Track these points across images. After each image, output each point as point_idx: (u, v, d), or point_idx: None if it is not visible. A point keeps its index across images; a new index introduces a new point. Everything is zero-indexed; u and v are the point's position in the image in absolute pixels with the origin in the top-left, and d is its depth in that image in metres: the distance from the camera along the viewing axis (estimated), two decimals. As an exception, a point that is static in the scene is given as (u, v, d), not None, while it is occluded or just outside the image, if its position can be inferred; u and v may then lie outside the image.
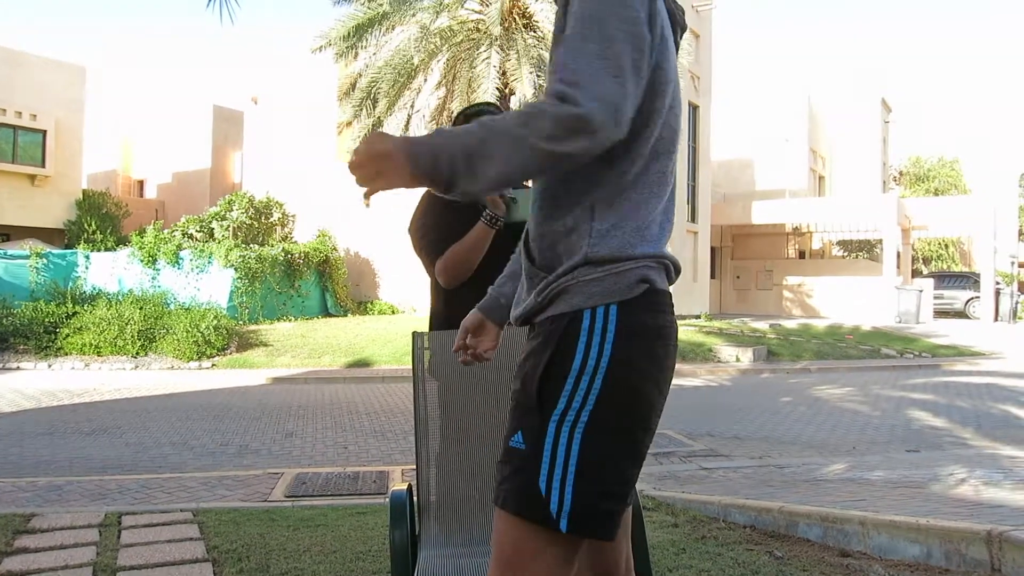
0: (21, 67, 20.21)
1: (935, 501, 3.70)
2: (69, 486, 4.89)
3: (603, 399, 1.17)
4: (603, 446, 1.17)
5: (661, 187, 1.27)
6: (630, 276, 1.21)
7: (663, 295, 1.26)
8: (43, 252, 16.62)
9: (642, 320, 1.22)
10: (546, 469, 1.17)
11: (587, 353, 1.19)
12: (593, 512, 1.16)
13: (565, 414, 1.18)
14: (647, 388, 1.22)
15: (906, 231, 24.06)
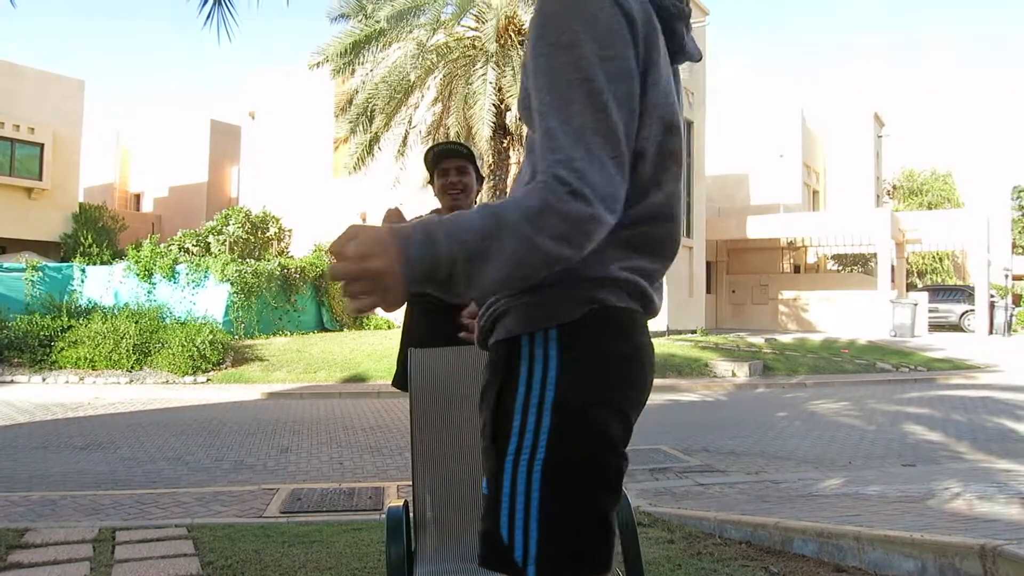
0: (19, 80, 20.27)
1: (930, 516, 3.71)
2: (63, 501, 4.86)
3: (557, 433, 1.06)
4: (566, 482, 1.07)
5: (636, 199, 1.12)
6: (573, 296, 1.09)
7: (622, 314, 1.12)
8: (39, 265, 16.58)
9: (592, 344, 1.10)
10: (506, 514, 1.07)
11: (530, 384, 1.09)
12: (563, 553, 1.06)
13: (519, 452, 1.08)
14: (607, 415, 1.10)
15: (900, 245, 24.16)
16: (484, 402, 1.16)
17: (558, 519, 1.06)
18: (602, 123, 1.01)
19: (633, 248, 1.13)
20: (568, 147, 1.00)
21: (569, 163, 0.99)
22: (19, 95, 20.04)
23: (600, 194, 0.98)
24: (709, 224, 22.70)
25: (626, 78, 1.06)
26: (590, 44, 1.03)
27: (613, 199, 1.00)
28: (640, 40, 1.09)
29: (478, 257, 0.95)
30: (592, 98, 1.02)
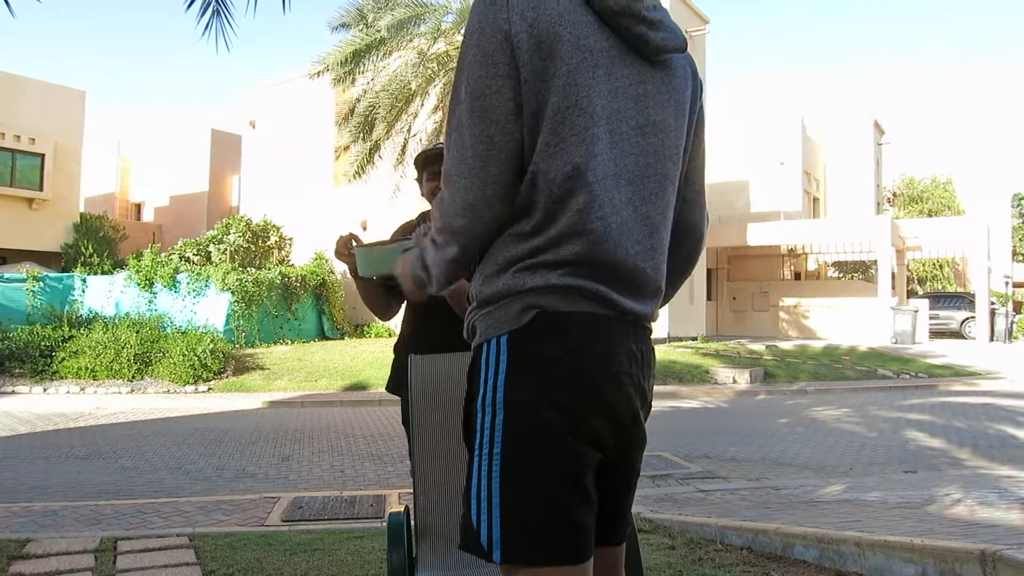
0: (20, 91, 20.34)
1: (930, 521, 3.71)
2: (64, 511, 4.87)
3: (509, 429, 1.19)
4: (520, 475, 1.18)
5: (569, 216, 1.21)
6: (515, 305, 1.22)
7: (570, 317, 1.21)
8: (40, 275, 16.61)
9: (539, 347, 1.20)
10: (475, 502, 1.21)
11: (486, 385, 1.22)
12: (522, 539, 1.17)
13: (482, 446, 1.21)
14: (555, 415, 1.18)
15: (901, 252, 24.17)
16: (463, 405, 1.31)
17: (515, 508, 1.17)
18: (467, 138, 1.22)
19: (579, 257, 1.21)
20: (444, 161, 1.28)
21: (443, 178, 1.28)
22: (20, 106, 20.10)
23: (459, 200, 1.24)
24: (710, 231, 22.43)
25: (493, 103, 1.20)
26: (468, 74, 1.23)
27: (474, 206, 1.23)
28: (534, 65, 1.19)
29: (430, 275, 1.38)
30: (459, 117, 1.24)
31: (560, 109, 1.19)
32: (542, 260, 1.21)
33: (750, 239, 23.43)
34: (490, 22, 1.20)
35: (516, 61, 1.18)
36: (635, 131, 1.27)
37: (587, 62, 1.21)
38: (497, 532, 1.17)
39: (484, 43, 1.20)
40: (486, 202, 1.23)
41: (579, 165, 1.21)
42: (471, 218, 1.24)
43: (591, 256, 1.22)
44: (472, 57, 1.22)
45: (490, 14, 1.21)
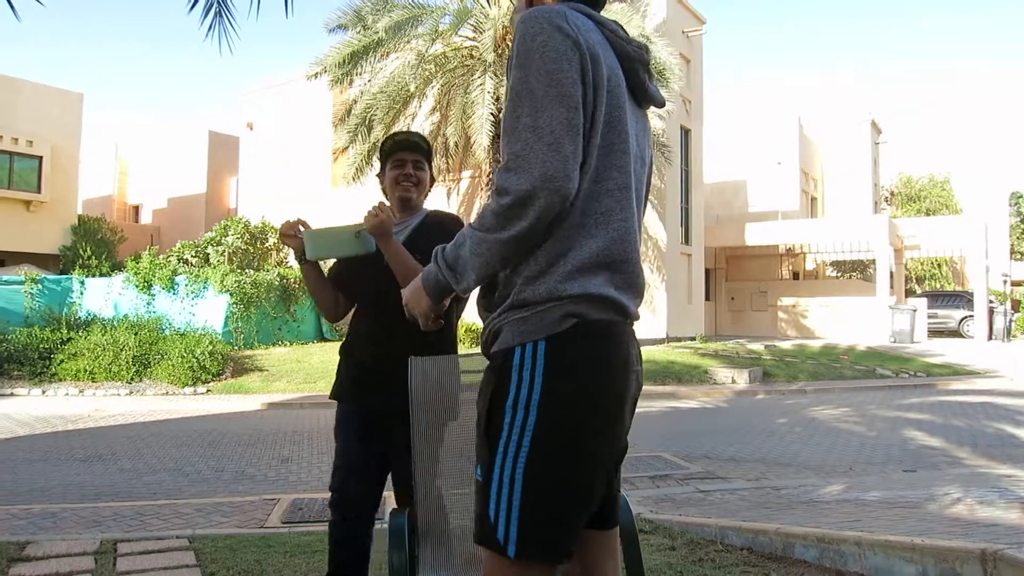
0: (18, 93, 20.33)
1: (930, 521, 3.72)
2: (64, 513, 4.86)
3: (540, 430, 1.24)
4: (544, 475, 1.24)
5: (600, 227, 1.34)
6: (555, 312, 1.29)
7: (602, 325, 1.32)
8: (38, 278, 16.58)
9: (575, 352, 1.28)
10: (494, 498, 1.26)
11: (519, 387, 1.27)
12: (537, 538, 1.23)
13: (508, 446, 1.26)
14: (585, 417, 1.27)
15: (899, 251, 24.20)
16: (481, 399, 1.36)
17: (535, 507, 1.23)
18: (543, 123, 1.25)
19: (604, 267, 1.34)
20: (508, 150, 1.28)
21: (505, 163, 1.27)
22: (17, 108, 20.09)
23: (528, 176, 1.24)
24: (708, 231, 22.72)
25: (563, 84, 1.27)
26: (535, 62, 1.28)
27: (545, 177, 1.24)
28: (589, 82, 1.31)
29: (456, 265, 1.34)
30: (530, 104, 1.27)
31: (609, 122, 1.35)
32: (582, 265, 1.31)
33: (748, 239, 23.46)
34: (557, 26, 1.30)
35: (583, 65, 1.30)
36: (637, 160, 1.45)
37: (620, 88, 1.38)
38: (515, 529, 1.23)
39: (555, 42, 1.29)
40: (567, 175, 1.25)
41: (621, 179, 1.37)
42: (551, 190, 1.24)
43: (621, 267, 1.36)
44: (545, 52, 1.28)
45: (555, 20, 1.31)
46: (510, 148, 1.27)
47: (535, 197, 1.24)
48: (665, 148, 16.75)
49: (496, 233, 1.27)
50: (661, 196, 18.64)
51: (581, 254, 1.31)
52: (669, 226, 19.17)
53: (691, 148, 21.12)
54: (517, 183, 1.24)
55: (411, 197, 2.65)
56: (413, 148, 2.65)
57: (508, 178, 1.26)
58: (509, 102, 1.30)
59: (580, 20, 1.34)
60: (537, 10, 1.33)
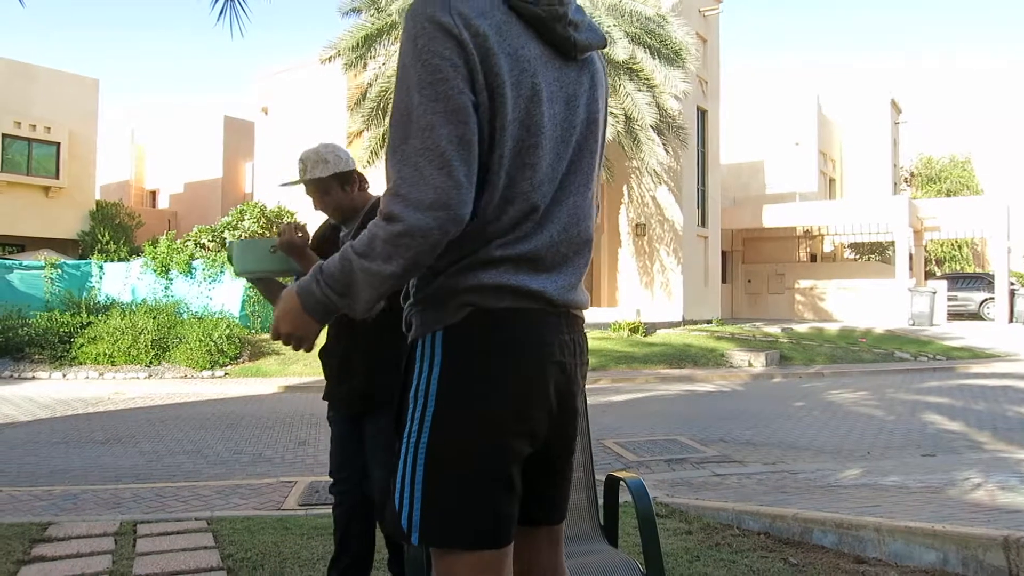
0: (35, 80, 20.44)
1: (951, 506, 3.68)
2: (84, 495, 4.92)
3: (438, 420, 1.24)
4: (442, 462, 1.23)
5: (509, 233, 1.26)
6: (452, 303, 1.26)
7: (505, 313, 1.26)
8: (57, 263, 16.74)
9: (473, 340, 1.25)
10: (398, 487, 1.26)
11: (419, 377, 1.27)
12: (439, 524, 1.23)
13: (410, 435, 1.26)
14: (485, 404, 1.24)
15: (918, 233, 23.90)
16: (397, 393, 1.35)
17: (437, 496, 1.23)
18: (431, 144, 1.17)
19: (508, 260, 1.26)
20: (394, 175, 1.20)
21: (392, 188, 1.19)
22: (35, 95, 20.21)
23: (417, 204, 1.16)
24: (724, 213, 22.54)
25: (450, 97, 1.18)
26: (417, 72, 1.19)
27: (436, 205, 1.16)
28: (476, 59, 1.20)
29: (348, 292, 1.23)
30: (417, 122, 1.18)
31: (518, 118, 1.24)
32: (476, 260, 1.25)
33: (765, 221, 23.24)
34: (438, 23, 1.19)
35: (470, 67, 1.20)
36: (568, 132, 1.33)
37: (527, 71, 1.25)
38: (417, 516, 1.23)
39: (436, 45, 1.19)
40: (461, 201, 1.18)
41: (535, 177, 1.27)
42: (444, 219, 1.17)
43: (519, 253, 1.27)
44: (427, 60, 1.19)
45: (436, 16, 1.19)
46: (398, 171, 1.19)
47: (427, 228, 1.16)
48: (681, 130, 16.59)
49: (386, 265, 1.19)
50: (677, 178, 18.49)
51: (480, 256, 1.26)
52: (685, 208, 19.02)
53: (707, 129, 20.90)
54: (407, 213, 1.16)
55: (339, 216, 2.66)
56: (306, 186, 2.59)
57: (396, 204, 1.17)
58: (392, 118, 1.23)
59: (468, 5, 1.21)
60: (419, 3, 1.22)
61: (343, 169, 2.57)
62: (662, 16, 14.50)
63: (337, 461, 2.74)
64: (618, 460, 6.01)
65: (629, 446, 6.47)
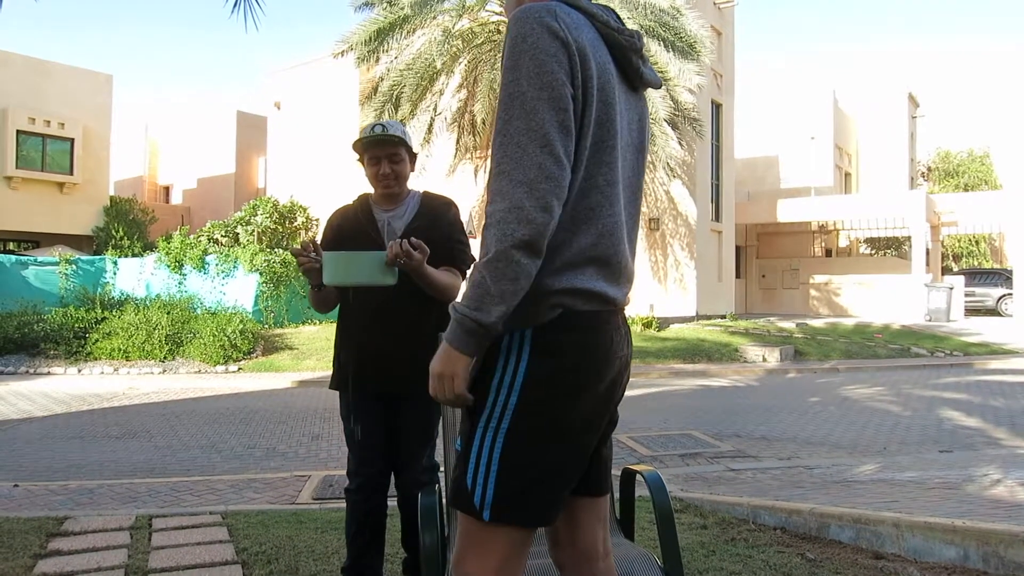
0: (49, 76, 20.56)
1: (970, 502, 3.63)
2: (100, 489, 4.95)
3: (519, 411, 1.34)
4: (519, 449, 1.34)
5: (589, 223, 1.39)
6: (543, 304, 1.36)
7: (588, 315, 1.39)
8: (72, 258, 16.86)
9: (559, 339, 1.36)
10: (472, 467, 1.37)
11: (504, 370, 1.36)
12: (511, 504, 1.35)
13: (489, 421, 1.36)
14: (565, 399, 1.36)
15: (935, 227, 23.66)
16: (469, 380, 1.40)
17: (509, 478, 1.34)
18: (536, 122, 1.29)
19: (591, 262, 1.40)
20: (499, 153, 1.32)
21: (497, 169, 1.31)
22: (49, 91, 20.33)
23: (523, 181, 1.28)
24: (738, 208, 22.40)
25: (554, 87, 1.31)
26: (525, 64, 1.32)
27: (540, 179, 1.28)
28: (579, 83, 1.34)
29: (485, 314, 1.29)
30: (522, 107, 1.30)
31: (599, 120, 1.38)
32: (571, 261, 1.38)
33: (780, 215, 23.08)
34: (546, 26, 1.33)
35: (571, 65, 1.33)
36: (630, 149, 1.52)
37: (610, 83, 1.41)
38: (491, 496, 1.34)
39: (544, 43, 1.32)
40: (562, 176, 1.30)
41: (609, 175, 1.42)
42: (546, 192, 1.28)
43: (609, 260, 1.43)
44: (535, 54, 1.31)
45: (545, 20, 1.33)
46: (503, 151, 1.31)
47: (530, 203, 1.27)
48: (696, 123, 16.48)
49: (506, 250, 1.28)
50: (691, 172, 18.38)
51: (570, 251, 1.38)
52: (699, 202, 18.91)
53: (722, 123, 20.77)
54: (511, 188, 1.28)
55: (394, 192, 2.63)
56: (384, 144, 2.57)
57: (502, 180, 1.29)
58: (501, 104, 1.33)
59: (570, 18, 1.37)
60: (527, 9, 1.35)
61: (413, 148, 2.67)
62: (676, 8, 14.40)
63: (367, 456, 2.65)
64: (632, 455, 5.98)
65: (643, 441, 6.44)
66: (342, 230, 2.68)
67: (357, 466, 2.67)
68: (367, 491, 2.66)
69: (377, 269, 2.32)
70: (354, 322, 2.63)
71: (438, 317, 2.54)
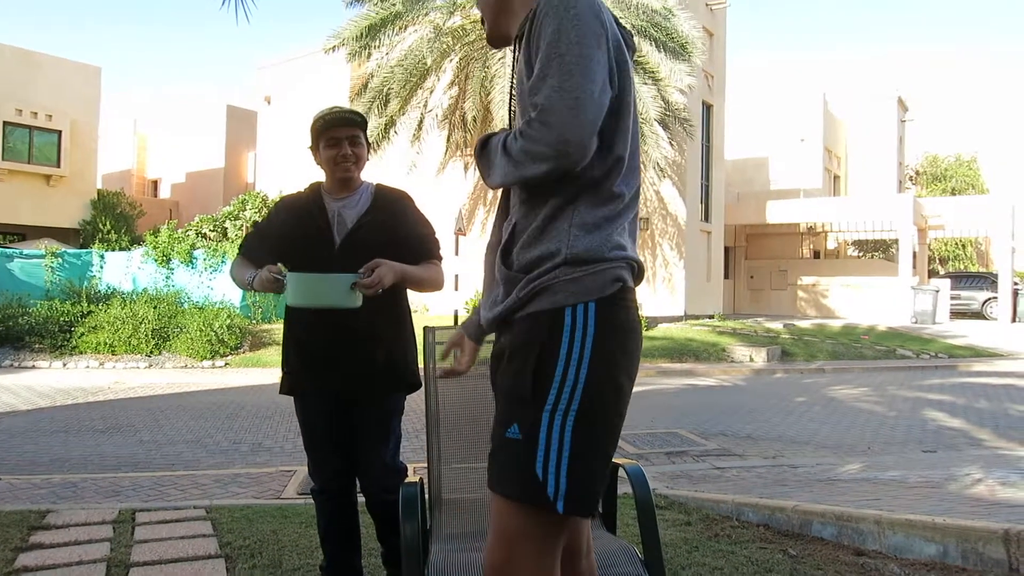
0: (37, 68, 20.39)
1: (951, 501, 3.66)
2: (84, 483, 4.92)
3: (588, 390, 1.29)
4: (591, 433, 1.30)
5: (633, 200, 1.42)
6: (607, 275, 1.34)
7: (632, 293, 1.40)
8: (58, 251, 16.73)
9: (617, 315, 1.35)
10: (542, 456, 1.28)
11: (571, 347, 1.30)
12: (585, 492, 1.30)
13: (557, 405, 1.29)
14: (623, 378, 1.35)
15: (922, 231, 23.84)
16: (518, 359, 1.35)
17: (582, 465, 1.29)
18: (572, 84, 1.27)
19: (631, 233, 1.44)
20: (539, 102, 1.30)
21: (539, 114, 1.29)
22: (36, 83, 20.15)
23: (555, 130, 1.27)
24: (728, 209, 22.49)
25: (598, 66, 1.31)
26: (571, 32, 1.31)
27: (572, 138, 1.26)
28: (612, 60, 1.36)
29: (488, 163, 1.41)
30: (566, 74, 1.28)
31: (631, 102, 1.40)
32: (625, 227, 1.41)
33: (769, 217, 23.19)
34: (590, 3, 1.34)
35: (609, 47, 1.35)
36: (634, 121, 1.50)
37: (628, 63, 1.42)
38: (564, 485, 1.27)
39: (589, 18, 1.32)
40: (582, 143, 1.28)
41: (638, 159, 1.45)
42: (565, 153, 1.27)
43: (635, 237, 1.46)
44: (579, 25, 1.31)
45: (592, 4, 1.35)
46: (537, 98, 1.29)
47: (553, 156, 1.27)
48: (687, 123, 16.53)
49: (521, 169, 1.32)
50: (681, 172, 18.44)
51: (627, 216, 1.41)
52: (689, 203, 18.98)
53: (713, 124, 20.84)
54: (552, 97, 1.27)
55: (352, 177, 2.54)
56: (346, 123, 2.51)
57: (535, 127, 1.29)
58: (538, 65, 1.31)
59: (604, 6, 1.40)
60: None
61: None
62: (668, 9, 14.43)
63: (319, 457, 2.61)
64: (618, 452, 5.96)
65: (629, 439, 6.46)
66: (289, 217, 2.57)
67: (313, 467, 2.64)
68: (328, 492, 2.61)
69: (343, 292, 2.24)
70: (298, 323, 2.55)
71: (388, 317, 2.51)
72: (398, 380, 2.52)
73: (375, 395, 2.48)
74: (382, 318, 2.47)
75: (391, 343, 2.50)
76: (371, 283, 2.25)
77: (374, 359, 2.45)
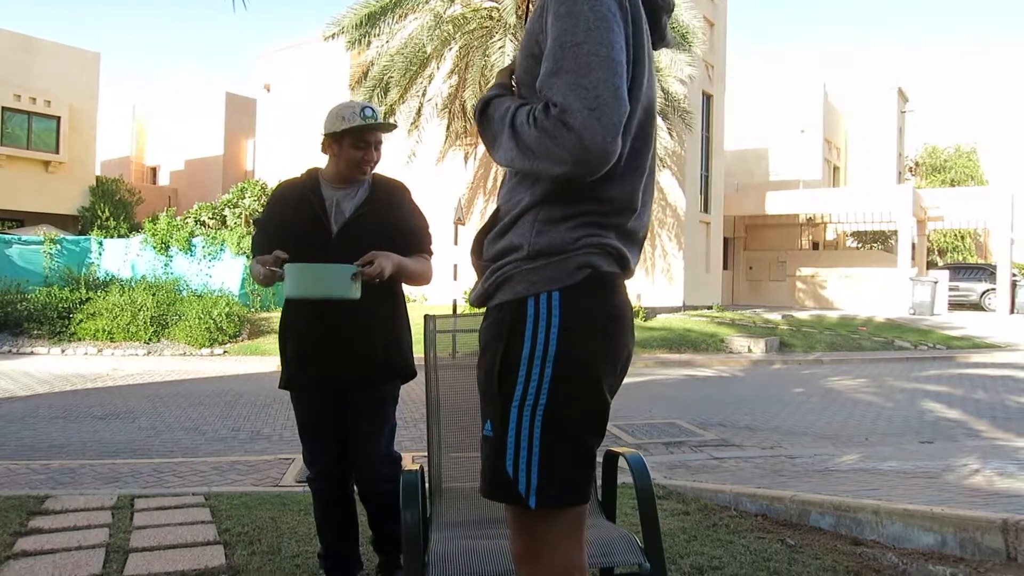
0: (35, 54, 20.28)
1: (949, 491, 3.67)
2: (82, 469, 4.92)
3: (556, 382, 1.24)
4: (563, 424, 1.25)
5: (620, 179, 1.30)
6: (570, 263, 1.27)
7: (611, 277, 1.31)
8: (57, 238, 16.71)
9: (588, 303, 1.28)
10: (511, 453, 1.26)
11: (535, 339, 1.25)
12: (558, 485, 1.26)
13: (524, 399, 1.25)
14: (597, 367, 1.28)
15: (921, 222, 23.82)
16: (487, 353, 1.32)
17: (554, 457, 1.25)
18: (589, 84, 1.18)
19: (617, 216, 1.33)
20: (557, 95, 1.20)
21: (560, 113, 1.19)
22: (35, 68, 20.05)
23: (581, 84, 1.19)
24: (727, 200, 22.45)
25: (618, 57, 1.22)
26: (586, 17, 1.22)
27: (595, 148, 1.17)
28: (629, 45, 1.27)
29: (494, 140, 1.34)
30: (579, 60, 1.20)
31: (640, 83, 1.31)
32: (602, 214, 1.30)
33: (768, 208, 23.16)
34: None
35: (626, 30, 1.26)
36: (646, 112, 1.38)
37: (644, 47, 1.32)
38: (535, 480, 1.25)
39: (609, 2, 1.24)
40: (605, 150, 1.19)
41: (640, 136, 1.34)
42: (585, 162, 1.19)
43: (631, 219, 1.35)
44: (595, 8, 1.22)
45: None
46: (553, 95, 1.20)
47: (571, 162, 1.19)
48: (687, 114, 16.49)
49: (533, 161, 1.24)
50: (681, 163, 18.40)
51: (601, 205, 1.30)
52: (688, 193, 18.95)
53: (713, 114, 20.77)
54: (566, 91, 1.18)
55: (367, 179, 2.56)
56: (378, 130, 2.51)
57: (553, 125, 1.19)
58: (550, 51, 1.22)
59: None
60: None
61: None
62: (669, -2, 14.35)
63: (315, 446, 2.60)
64: (616, 443, 6.00)
65: (628, 429, 6.47)
66: (286, 206, 2.57)
67: (309, 456, 2.63)
68: (323, 480, 2.61)
69: (344, 283, 2.24)
70: (296, 314, 2.55)
71: (385, 307, 2.51)
72: (394, 369, 2.53)
73: (371, 385, 2.49)
74: (379, 308, 2.47)
75: (388, 333, 2.51)
76: (372, 273, 2.26)
77: (371, 349, 2.45)
